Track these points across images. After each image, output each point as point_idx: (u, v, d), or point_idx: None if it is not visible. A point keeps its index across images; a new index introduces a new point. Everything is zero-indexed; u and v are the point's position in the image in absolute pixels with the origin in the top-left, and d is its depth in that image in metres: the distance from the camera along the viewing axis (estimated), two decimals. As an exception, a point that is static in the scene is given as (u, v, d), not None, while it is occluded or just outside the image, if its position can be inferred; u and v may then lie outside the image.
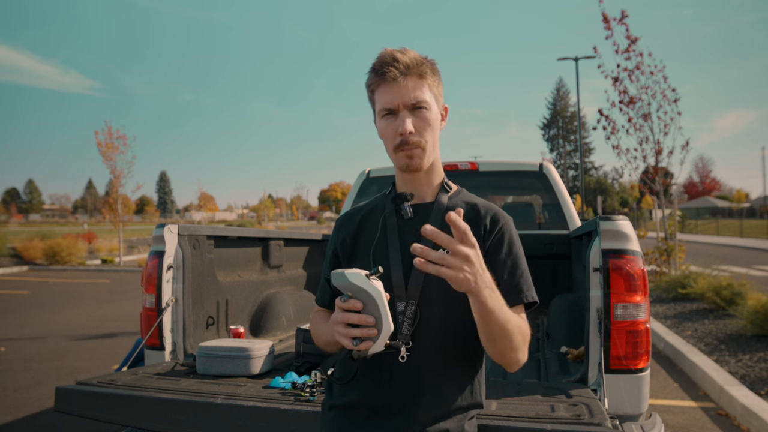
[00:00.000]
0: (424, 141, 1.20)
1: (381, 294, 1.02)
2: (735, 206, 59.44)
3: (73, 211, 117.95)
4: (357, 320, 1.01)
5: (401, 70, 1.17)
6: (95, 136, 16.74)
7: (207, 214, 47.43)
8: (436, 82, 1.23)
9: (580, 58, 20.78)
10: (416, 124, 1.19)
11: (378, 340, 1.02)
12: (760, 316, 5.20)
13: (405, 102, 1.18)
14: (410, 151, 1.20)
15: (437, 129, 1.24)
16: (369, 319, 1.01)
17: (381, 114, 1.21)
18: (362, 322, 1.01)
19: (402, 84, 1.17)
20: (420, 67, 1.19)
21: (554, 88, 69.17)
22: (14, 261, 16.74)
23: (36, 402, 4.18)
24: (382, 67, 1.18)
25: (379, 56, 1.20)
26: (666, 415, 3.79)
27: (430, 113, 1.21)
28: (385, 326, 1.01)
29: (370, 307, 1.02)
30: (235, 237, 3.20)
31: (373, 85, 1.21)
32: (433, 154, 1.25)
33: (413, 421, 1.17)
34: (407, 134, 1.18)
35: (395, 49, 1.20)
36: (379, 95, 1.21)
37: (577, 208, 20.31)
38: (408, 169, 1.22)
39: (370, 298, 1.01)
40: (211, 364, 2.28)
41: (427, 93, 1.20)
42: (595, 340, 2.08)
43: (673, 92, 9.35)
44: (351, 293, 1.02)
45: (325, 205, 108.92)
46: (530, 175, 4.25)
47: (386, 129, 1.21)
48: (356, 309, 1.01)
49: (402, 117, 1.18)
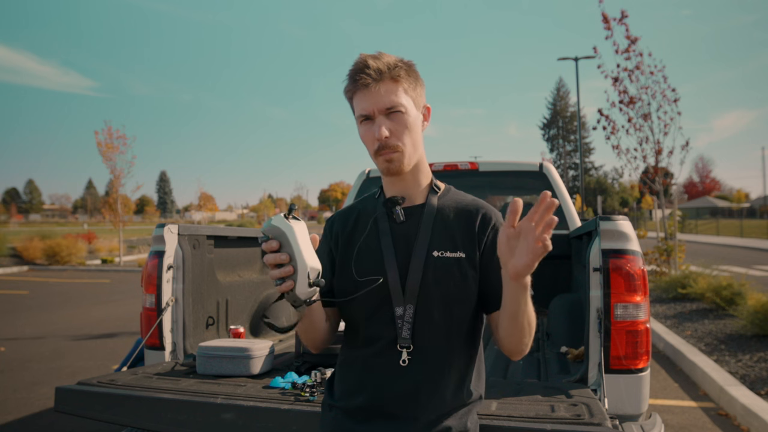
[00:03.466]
0: (401, 144, 1.20)
1: (293, 230, 1.02)
2: (735, 206, 59.49)
3: (73, 211, 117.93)
4: (272, 260, 1.02)
5: (373, 77, 1.17)
6: (95, 136, 16.74)
7: (207, 214, 47.39)
8: (412, 84, 1.22)
9: (580, 58, 20.79)
10: (393, 128, 1.19)
11: (297, 278, 1.01)
12: (760, 316, 5.20)
13: (380, 107, 1.18)
14: (389, 156, 1.20)
15: (417, 131, 1.23)
16: (282, 257, 1.01)
17: (359, 120, 1.22)
18: (276, 261, 1.01)
19: (375, 90, 1.17)
20: (393, 71, 1.18)
21: (554, 88, 69.26)
22: (14, 261, 16.74)
23: (36, 402, 4.18)
24: (356, 74, 1.18)
25: (354, 63, 1.20)
26: (666, 415, 3.79)
27: (407, 116, 1.20)
28: (299, 263, 1.01)
29: (285, 246, 1.02)
30: (235, 237, 3.20)
31: (349, 92, 1.22)
32: (415, 155, 1.24)
33: (415, 421, 1.17)
34: (383, 139, 1.18)
35: (369, 54, 1.20)
36: (356, 102, 1.21)
37: (577, 208, 20.29)
38: (388, 172, 1.23)
39: (283, 236, 1.01)
40: (211, 364, 2.28)
41: (402, 96, 1.20)
42: (595, 340, 2.08)
43: (673, 92, 9.36)
44: (271, 236, 1.02)
45: (325, 205, 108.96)
46: (530, 175, 4.25)
47: (365, 135, 1.22)
48: (273, 249, 1.02)
49: (378, 123, 1.19)
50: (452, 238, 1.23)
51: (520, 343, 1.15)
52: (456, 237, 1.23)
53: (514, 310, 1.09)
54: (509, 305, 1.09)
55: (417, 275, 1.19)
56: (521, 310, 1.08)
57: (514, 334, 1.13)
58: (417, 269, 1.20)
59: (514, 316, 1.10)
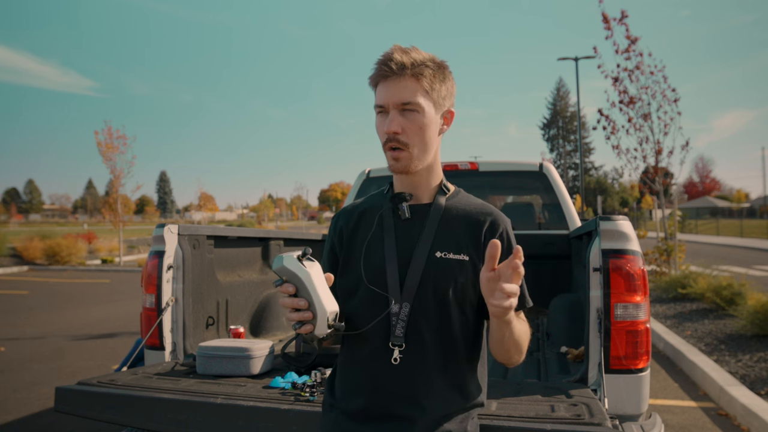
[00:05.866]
0: (411, 143, 1.18)
1: (309, 276, 1.00)
2: (735, 206, 59.47)
3: (73, 211, 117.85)
4: (290, 304, 1.00)
5: (395, 70, 1.16)
6: (95, 136, 16.75)
7: (207, 214, 47.39)
8: (437, 85, 1.19)
9: (580, 58, 20.78)
10: (405, 126, 1.17)
11: (317, 323, 1.00)
12: (760, 316, 5.19)
13: (395, 102, 1.17)
14: (396, 153, 1.19)
15: (431, 133, 1.20)
16: (300, 303, 1.00)
17: (376, 110, 1.22)
18: (295, 306, 1.00)
19: (394, 83, 1.17)
20: (417, 68, 1.16)
21: (554, 88, 69.23)
22: (14, 261, 16.73)
23: (36, 402, 4.17)
24: (381, 64, 1.18)
25: (385, 52, 1.20)
26: (666, 415, 3.79)
27: (422, 116, 1.17)
28: (318, 309, 1.00)
29: (302, 290, 1.00)
30: (235, 237, 3.20)
31: (373, 80, 1.21)
32: (425, 157, 1.21)
33: (415, 423, 1.17)
34: (392, 133, 1.17)
35: (401, 47, 1.19)
36: (377, 91, 1.21)
37: (577, 208, 20.28)
38: (393, 169, 1.22)
39: (299, 281, 1.00)
40: (211, 364, 2.28)
41: (420, 95, 1.17)
42: (595, 340, 2.08)
43: (673, 92, 9.36)
44: (285, 277, 1.01)
45: (325, 205, 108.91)
46: (530, 175, 4.25)
47: (378, 126, 1.22)
48: (289, 293, 1.01)
49: (391, 116, 1.18)
50: (457, 240, 1.22)
51: (509, 359, 1.18)
52: (461, 239, 1.22)
53: (499, 337, 1.11)
54: (494, 332, 1.12)
55: (417, 274, 1.19)
56: (506, 338, 1.11)
57: (500, 353, 1.16)
58: (417, 268, 1.19)
59: (500, 341, 1.13)
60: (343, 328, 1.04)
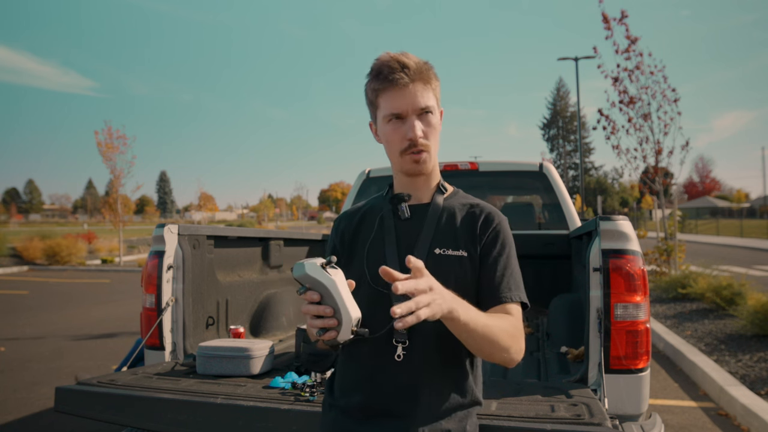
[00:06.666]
0: (431, 145, 1.23)
1: (335, 283, 1.00)
2: (735, 206, 59.48)
3: (73, 211, 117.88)
4: (315, 312, 1.00)
5: (410, 76, 1.18)
6: (95, 136, 16.78)
7: (207, 214, 47.39)
8: (438, 86, 1.25)
9: (580, 58, 20.78)
10: (424, 129, 1.21)
11: (341, 329, 1.00)
12: (760, 316, 5.20)
13: (414, 107, 1.20)
14: (418, 156, 1.22)
15: (438, 132, 1.27)
16: (326, 310, 1.00)
17: (387, 119, 1.22)
18: (320, 313, 1.00)
19: (411, 90, 1.19)
20: (426, 72, 1.21)
21: (554, 88, 69.25)
22: (14, 261, 16.74)
23: (36, 402, 4.18)
24: (391, 73, 1.18)
25: (381, 60, 1.20)
26: (666, 415, 3.79)
27: (435, 118, 1.23)
28: (344, 316, 1.00)
29: (327, 298, 1.00)
30: (235, 237, 3.20)
31: (378, 90, 1.21)
32: (436, 157, 1.28)
33: (414, 421, 1.17)
34: (417, 139, 1.20)
35: (398, 53, 1.20)
36: (385, 100, 1.21)
37: (577, 208, 20.31)
38: (415, 172, 1.25)
39: (325, 288, 1.00)
40: (211, 364, 2.28)
41: (432, 98, 1.22)
42: (595, 340, 2.08)
43: (673, 92, 9.36)
44: (308, 285, 1.01)
45: (325, 205, 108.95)
46: (530, 175, 4.25)
47: (393, 134, 1.22)
48: (314, 300, 1.01)
49: (411, 122, 1.20)
50: (455, 237, 1.24)
51: (492, 356, 1.13)
52: (458, 236, 1.24)
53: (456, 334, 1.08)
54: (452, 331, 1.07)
55: None
56: (463, 333, 1.06)
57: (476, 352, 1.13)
58: None
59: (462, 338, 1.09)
60: (366, 333, 1.04)
